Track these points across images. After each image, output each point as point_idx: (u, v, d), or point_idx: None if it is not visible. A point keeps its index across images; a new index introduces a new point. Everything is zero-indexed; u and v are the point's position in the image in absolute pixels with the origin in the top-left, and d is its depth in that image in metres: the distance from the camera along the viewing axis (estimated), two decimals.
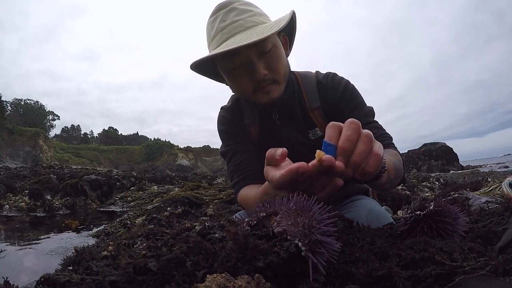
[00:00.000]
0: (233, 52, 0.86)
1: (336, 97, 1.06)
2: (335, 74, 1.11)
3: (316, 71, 1.15)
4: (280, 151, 0.58)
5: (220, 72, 1.01)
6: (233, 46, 0.82)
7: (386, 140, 1.03)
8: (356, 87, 1.10)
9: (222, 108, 1.21)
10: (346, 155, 0.51)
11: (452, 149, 9.66)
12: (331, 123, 0.54)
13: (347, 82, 1.09)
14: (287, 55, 1.03)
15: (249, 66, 0.91)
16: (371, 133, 0.53)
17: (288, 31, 1.03)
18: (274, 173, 0.55)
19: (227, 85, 1.07)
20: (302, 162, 0.51)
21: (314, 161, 0.50)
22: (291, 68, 1.07)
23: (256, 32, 0.86)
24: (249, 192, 0.99)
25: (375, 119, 1.09)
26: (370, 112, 1.08)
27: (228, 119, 1.17)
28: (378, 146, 0.55)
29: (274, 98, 0.97)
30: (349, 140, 0.51)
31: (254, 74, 0.91)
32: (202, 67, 1.00)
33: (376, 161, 0.53)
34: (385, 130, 1.06)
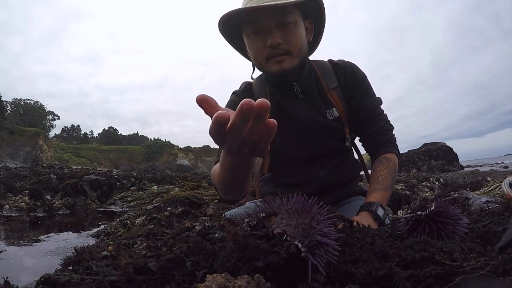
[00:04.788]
0: (255, 17, 0.96)
1: (351, 78, 1.13)
2: (348, 60, 1.18)
3: (328, 59, 1.19)
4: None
5: (242, 44, 1.08)
6: (253, 4, 0.91)
7: (386, 142, 1.15)
8: None
9: (233, 92, 1.23)
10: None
11: (452, 149, 9.65)
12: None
13: (359, 68, 1.17)
14: (309, 40, 1.08)
15: (267, 32, 0.97)
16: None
17: (316, 21, 1.08)
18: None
19: (247, 57, 1.13)
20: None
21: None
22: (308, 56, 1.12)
23: (279, 3, 0.92)
24: (217, 165, 1.01)
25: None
26: (378, 101, 1.18)
27: (236, 102, 1.17)
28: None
29: (285, 68, 1.00)
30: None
31: (270, 40, 0.96)
32: (230, 33, 1.06)
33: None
34: (388, 122, 1.18)
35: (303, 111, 1.12)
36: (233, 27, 1.03)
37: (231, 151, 0.55)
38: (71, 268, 0.41)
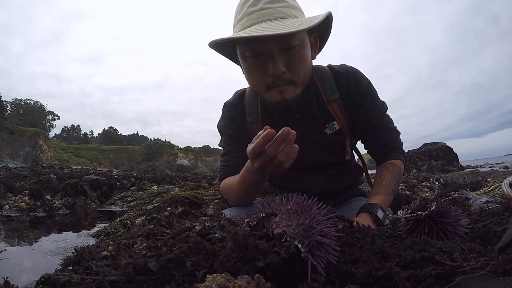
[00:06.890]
0: (255, 40, 0.82)
1: (355, 90, 1.04)
2: (350, 66, 1.09)
3: (328, 64, 1.10)
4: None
5: (235, 53, 0.97)
6: (255, 33, 0.78)
7: (393, 150, 1.11)
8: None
9: (224, 105, 1.17)
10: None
11: (452, 149, 9.64)
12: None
13: (363, 74, 1.08)
14: (313, 57, 0.98)
15: (268, 58, 0.85)
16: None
17: (321, 33, 0.97)
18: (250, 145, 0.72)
19: (243, 72, 1.00)
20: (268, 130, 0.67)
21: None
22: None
23: (284, 24, 0.79)
24: (232, 178, 1.04)
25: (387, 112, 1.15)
26: (384, 108, 1.12)
27: (229, 118, 1.13)
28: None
29: (287, 99, 0.91)
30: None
31: (272, 68, 0.85)
32: (222, 46, 0.95)
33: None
34: (395, 129, 1.14)
35: (298, 129, 1.05)
36: (226, 43, 0.93)
37: (262, 166, 0.72)
38: (71, 268, 0.41)
